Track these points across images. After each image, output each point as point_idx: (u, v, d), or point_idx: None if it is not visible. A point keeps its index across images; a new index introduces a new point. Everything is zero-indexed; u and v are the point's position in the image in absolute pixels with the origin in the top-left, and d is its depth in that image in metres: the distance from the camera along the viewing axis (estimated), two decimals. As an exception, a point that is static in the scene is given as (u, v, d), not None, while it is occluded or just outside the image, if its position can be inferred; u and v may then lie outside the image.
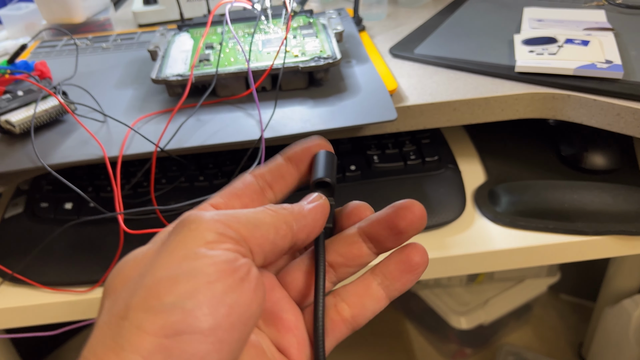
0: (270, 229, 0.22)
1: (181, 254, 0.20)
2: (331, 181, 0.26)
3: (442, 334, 1.03)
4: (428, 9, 0.73)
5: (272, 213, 0.23)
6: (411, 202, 0.26)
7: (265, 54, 0.51)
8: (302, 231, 0.24)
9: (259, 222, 0.22)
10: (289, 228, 0.23)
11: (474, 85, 0.52)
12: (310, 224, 0.24)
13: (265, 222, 0.22)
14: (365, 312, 0.26)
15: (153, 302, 0.18)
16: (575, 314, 1.10)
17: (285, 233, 0.23)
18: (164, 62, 0.51)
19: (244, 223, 0.22)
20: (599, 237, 0.49)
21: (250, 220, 0.22)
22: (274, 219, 0.23)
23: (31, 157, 0.45)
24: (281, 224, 0.23)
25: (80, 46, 0.65)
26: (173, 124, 0.46)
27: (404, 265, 0.26)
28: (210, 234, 0.20)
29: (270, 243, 0.22)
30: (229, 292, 0.19)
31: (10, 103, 0.46)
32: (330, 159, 0.27)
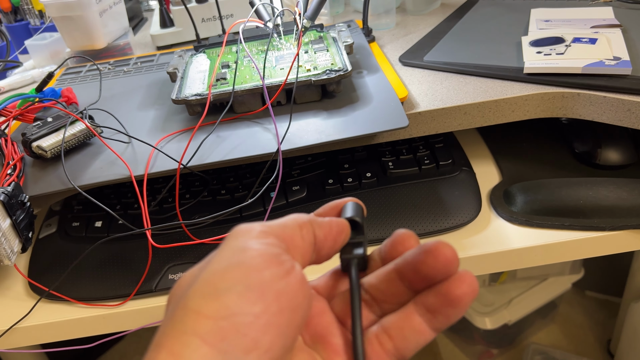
0: (296, 227, 0.25)
1: (231, 250, 0.22)
2: (359, 219, 0.28)
3: (467, 335, 1.03)
4: (436, 15, 0.75)
5: (293, 216, 0.25)
6: (437, 246, 0.24)
7: (278, 70, 0.53)
8: (319, 229, 0.26)
9: (285, 224, 0.25)
10: (310, 226, 0.25)
11: (484, 89, 0.53)
12: (331, 231, 0.26)
13: (290, 223, 0.25)
14: (408, 345, 0.25)
15: (209, 289, 0.20)
16: (602, 310, 1.09)
17: (308, 229, 0.25)
18: (183, 82, 0.53)
19: (275, 226, 0.24)
20: (616, 232, 0.49)
21: (279, 224, 0.24)
22: (296, 221, 0.25)
23: (62, 179, 0.47)
24: (303, 222, 0.25)
25: (102, 71, 0.68)
26: (194, 141, 0.48)
27: (445, 299, 0.24)
28: (253, 232, 0.23)
29: (300, 238, 0.24)
30: (276, 279, 0.21)
31: (40, 129, 0.49)
32: (358, 207, 0.29)
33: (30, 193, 0.47)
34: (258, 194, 0.47)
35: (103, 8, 0.70)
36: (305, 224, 0.25)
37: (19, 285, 0.51)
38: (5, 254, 0.44)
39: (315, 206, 0.53)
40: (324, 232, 0.26)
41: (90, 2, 0.67)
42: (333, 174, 0.56)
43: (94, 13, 0.68)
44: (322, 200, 0.53)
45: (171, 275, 0.49)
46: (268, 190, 0.54)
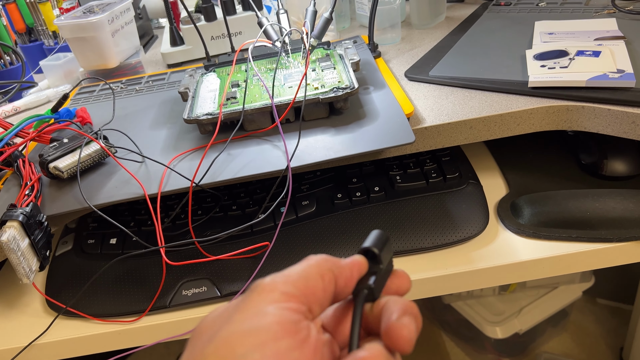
0: (318, 278, 0.25)
1: (252, 312, 0.23)
2: (376, 251, 0.29)
3: (478, 344, 1.03)
4: (441, 29, 0.76)
5: (315, 264, 0.26)
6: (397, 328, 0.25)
7: (287, 89, 0.54)
8: (340, 278, 0.26)
9: (308, 275, 0.25)
10: (332, 274, 0.26)
11: (489, 103, 0.54)
12: (346, 273, 0.27)
13: (312, 274, 0.25)
14: None
15: (226, 352, 0.21)
16: (614, 318, 1.09)
17: (330, 279, 0.26)
18: (194, 102, 0.54)
19: (297, 279, 0.25)
20: (623, 243, 0.49)
21: (301, 275, 0.25)
22: (319, 269, 0.26)
23: (79, 199, 0.48)
24: (325, 271, 0.26)
25: (115, 90, 0.69)
26: (206, 159, 0.50)
27: None
28: (275, 293, 0.24)
29: (321, 290, 0.25)
30: (292, 349, 0.22)
31: (57, 151, 0.50)
32: (382, 236, 0.30)
33: (47, 213, 0.48)
34: (269, 210, 0.48)
35: (115, 28, 0.72)
36: (327, 274, 0.26)
37: (36, 303, 0.53)
38: (24, 273, 0.45)
39: (325, 221, 0.54)
40: (345, 279, 0.27)
41: (102, 23, 0.69)
42: (342, 188, 0.57)
43: (107, 34, 0.70)
44: (331, 214, 0.54)
45: (185, 291, 0.50)
46: (278, 206, 0.55)
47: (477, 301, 1.01)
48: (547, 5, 0.75)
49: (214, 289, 0.50)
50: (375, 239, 0.30)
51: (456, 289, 0.52)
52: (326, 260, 0.27)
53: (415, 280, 0.50)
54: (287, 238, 0.53)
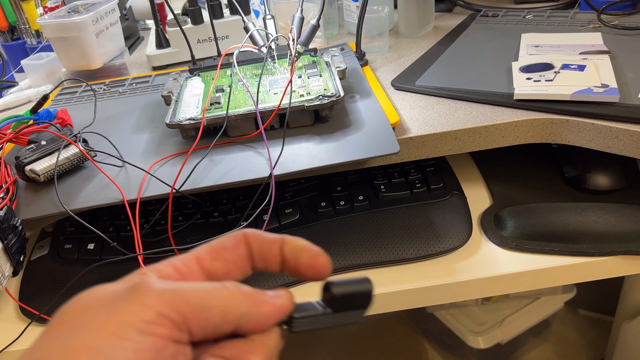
0: (218, 313, 0.22)
1: (113, 326, 0.20)
2: (336, 291, 0.24)
3: (460, 354, 1.03)
4: (429, 38, 0.76)
5: (227, 295, 0.22)
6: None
7: (272, 95, 0.53)
8: (249, 323, 0.23)
9: (209, 304, 0.22)
10: (238, 316, 0.22)
11: (474, 114, 0.54)
12: (259, 320, 0.23)
13: (216, 306, 0.22)
14: None
15: None
16: (595, 329, 1.09)
17: (232, 320, 0.22)
18: (177, 106, 0.53)
19: (192, 304, 0.21)
20: (605, 257, 0.50)
21: (201, 300, 0.21)
22: (225, 304, 0.22)
23: (55, 203, 0.47)
24: (231, 309, 0.22)
25: (98, 92, 0.68)
26: (187, 165, 0.49)
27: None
28: (149, 312, 0.20)
29: (214, 327, 0.22)
30: None
31: (34, 153, 0.49)
32: (362, 282, 0.25)
33: (22, 217, 0.47)
34: (251, 217, 0.48)
35: (99, 29, 0.71)
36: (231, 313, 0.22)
37: (9, 308, 0.51)
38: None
39: (308, 229, 0.53)
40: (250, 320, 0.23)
41: (86, 24, 0.67)
42: (326, 197, 0.56)
43: (91, 34, 0.69)
44: (314, 223, 0.54)
45: (163, 299, 0.49)
46: (261, 213, 0.55)
47: (460, 311, 1.01)
48: (534, 18, 0.76)
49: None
50: (352, 281, 0.25)
51: (438, 300, 0.51)
52: (244, 298, 0.23)
53: (397, 291, 0.50)
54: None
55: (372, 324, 1.16)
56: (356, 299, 0.24)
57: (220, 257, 0.25)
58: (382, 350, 1.11)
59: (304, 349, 1.12)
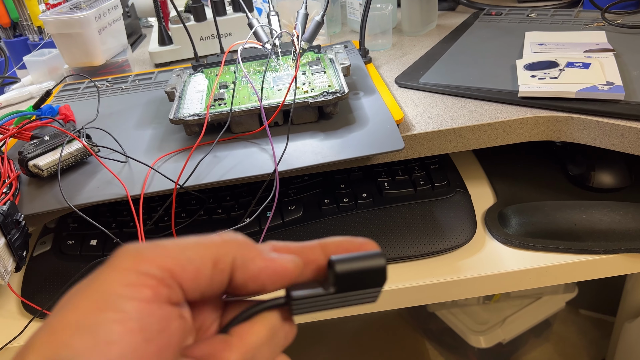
0: (208, 262, 0.20)
1: (94, 299, 0.19)
2: (339, 269, 0.21)
3: (461, 353, 1.03)
4: (432, 36, 0.76)
5: (217, 241, 0.21)
6: None
7: (276, 91, 0.53)
8: (243, 274, 0.21)
9: (195, 254, 0.20)
10: (230, 264, 0.21)
11: (479, 112, 0.54)
12: (253, 274, 0.21)
13: (203, 255, 0.20)
14: None
15: (49, 351, 0.18)
16: (596, 329, 1.09)
17: (224, 268, 0.20)
18: (180, 102, 0.53)
19: (176, 257, 0.20)
20: (610, 255, 0.49)
21: (185, 252, 0.20)
22: (215, 251, 0.20)
23: (58, 198, 0.47)
24: (222, 256, 0.20)
25: (100, 88, 0.68)
26: (191, 161, 0.48)
27: None
28: (129, 274, 0.19)
29: (208, 280, 0.20)
30: (130, 354, 0.18)
31: (37, 148, 0.49)
32: (370, 257, 0.22)
33: (25, 212, 0.47)
34: (255, 214, 0.47)
35: (102, 25, 0.70)
36: (223, 260, 0.20)
37: (12, 304, 0.51)
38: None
39: (312, 226, 0.53)
40: (249, 276, 0.21)
41: (89, 20, 0.67)
42: (329, 194, 0.56)
43: (93, 31, 0.68)
44: (318, 220, 0.54)
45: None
46: (264, 210, 0.54)
47: (462, 310, 1.01)
48: (538, 16, 0.76)
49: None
50: (356, 259, 0.22)
51: (442, 298, 0.51)
52: (236, 246, 0.21)
53: (401, 288, 0.49)
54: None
55: (372, 323, 1.15)
56: (365, 276, 0.22)
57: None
58: (383, 349, 1.11)
59: (304, 348, 1.11)
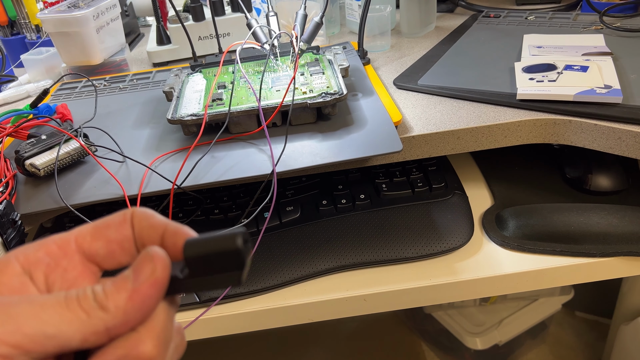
0: (75, 338, 0.18)
1: None
2: (187, 253, 0.21)
3: (458, 354, 1.03)
4: (430, 38, 0.76)
5: (83, 317, 0.19)
6: None
7: (274, 92, 0.53)
8: (124, 326, 0.19)
9: (59, 332, 0.18)
10: (102, 334, 0.19)
11: (477, 114, 0.54)
12: (134, 321, 0.20)
13: (66, 333, 0.18)
14: None
15: None
16: (592, 332, 1.09)
17: (97, 339, 0.19)
18: (178, 102, 0.53)
19: (30, 333, 0.18)
20: (607, 258, 0.49)
21: (45, 329, 0.18)
22: (82, 328, 0.19)
23: (55, 198, 0.47)
24: (90, 334, 0.19)
25: (98, 87, 0.68)
26: (189, 161, 0.48)
27: None
28: None
29: (75, 349, 0.19)
30: None
31: (34, 147, 0.48)
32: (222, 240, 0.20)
33: (22, 211, 0.46)
34: (253, 215, 0.47)
35: (100, 24, 0.70)
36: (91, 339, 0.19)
37: (7, 304, 0.51)
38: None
39: (309, 227, 0.53)
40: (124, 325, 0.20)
41: (87, 19, 0.67)
42: (327, 195, 0.56)
43: (91, 29, 0.68)
44: (315, 221, 0.53)
45: (163, 296, 0.48)
46: (262, 211, 0.54)
47: (458, 311, 1.01)
48: (536, 19, 0.76)
49: (193, 295, 0.48)
50: (206, 242, 0.20)
51: (439, 300, 0.51)
52: (107, 317, 0.19)
53: (398, 290, 0.49)
54: (270, 244, 0.52)
55: (369, 324, 1.15)
56: (217, 260, 0.20)
57: (103, 237, 0.22)
58: (379, 351, 1.11)
59: (300, 349, 1.11)
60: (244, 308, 0.49)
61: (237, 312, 0.49)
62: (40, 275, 0.21)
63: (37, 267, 0.21)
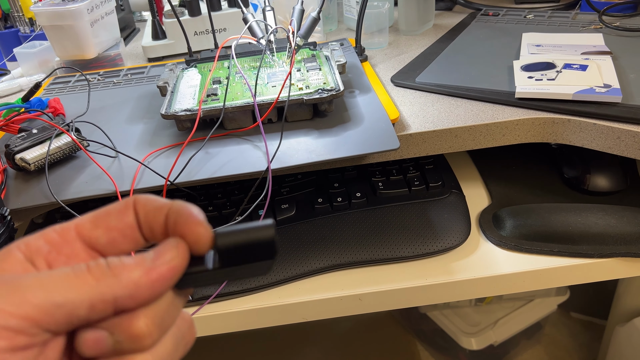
0: (83, 306, 0.18)
1: None
2: (220, 243, 0.21)
3: (453, 355, 1.02)
4: (429, 36, 0.75)
5: (92, 284, 0.19)
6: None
7: (270, 88, 0.52)
8: (131, 303, 0.19)
9: (64, 299, 0.18)
10: (110, 304, 0.19)
11: (475, 112, 0.53)
12: (142, 297, 0.20)
13: (76, 299, 0.18)
14: None
15: None
16: (587, 332, 1.09)
17: (104, 308, 0.19)
18: (173, 97, 0.52)
19: (39, 304, 0.18)
20: (604, 259, 0.49)
21: (51, 296, 0.18)
22: (90, 294, 0.19)
23: (45, 193, 0.46)
24: (98, 301, 0.19)
25: (92, 82, 0.67)
26: (183, 157, 0.48)
27: None
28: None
29: (82, 320, 0.19)
30: None
31: (24, 141, 0.48)
32: (255, 230, 0.21)
33: (11, 206, 0.45)
34: (247, 212, 0.47)
35: (94, 18, 0.69)
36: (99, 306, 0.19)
37: (-4, 301, 0.50)
38: (-17, 269, 0.42)
39: (304, 225, 0.52)
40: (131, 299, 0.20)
41: (81, 12, 0.66)
42: (323, 193, 0.55)
43: (85, 23, 0.67)
44: (311, 219, 0.53)
45: (155, 294, 0.48)
46: (256, 208, 0.53)
47: (454, 311, 1.00)
48: (535, 17, 0.75)
49: (186, 293, 0.48)
50: (239, 232, 0.21)
51: (435, 300, 0.50)
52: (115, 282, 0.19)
53: (393, 290, 0.49)
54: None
55: (364, 323, 1.15)
56: (251, 250, 0.21)
57: (103, 224, 0.22)
58: (374, 350, 1.10)
59: (295, 348, 1.11)
60: (237, 306, 0.49)
61: (230, 310, 0.48)
62: (43, 262, 0.21)
63: (39, 255, 0.21)
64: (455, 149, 0.53)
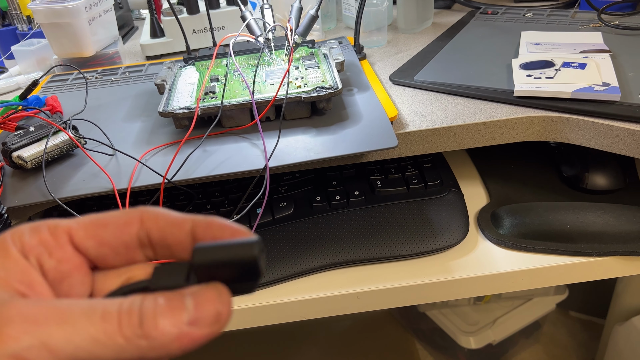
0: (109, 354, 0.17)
1: None
2: (196, 260, 0.18)
3: (451, 353, 1.02)
4: (427, 34, 0.75)
5: (121, 343, 0.17)
6: None
7: (268, 86, 0.52)
8: (156, 356, 0.17)
9: (90, 356, 0.16)
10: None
11: (474, 110, 0.53)
12: (170, 356, 0.18)
13: (99, 356, 0.17)
14: None
15: None
16: (585, 331, 1.09)
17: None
18: (170, 95, 0.52)
19: (60, 352, 0.16)
20: (603, 258, 0.49)
21: (76, 354, 0.16)
22: (116, 354, 0.17)
23: (43, 191, 0.46)
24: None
25: (90, 80, 0.66)
26: (180, 155, 0.47)
27: None
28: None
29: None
30: None
31: (22, 139, 0.47)
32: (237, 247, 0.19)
33: (8, 204, 0.45)
34: (245, 210, 0.46)
35: (92, 16, 0.69)
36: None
37: (-7, 299, 0.50)
38: (-20, 267, 0.42)
39: (302, 224, 0.52)
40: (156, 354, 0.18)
41: (79, 10, 0.66)
42: (321, 191, 0.55)
43: (83, 21, 0.67)
44: (309, 217, 0.53)
45: (152, 292, 0.47)
46: (254, 207, 0.53)
47: (452, 310, 1.00)
48: (534, 16, 0.75)
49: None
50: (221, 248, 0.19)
51: (433, 298, 0.50)
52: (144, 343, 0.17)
53: (392, 288, 0.49)
54: (262, 240, 0.51)
55: (362, 322, 1.15)
56: (233, 269, 0.18)
57: (96, 237, 0.20)
58: (373, 349, 1.10)
59: (293, 347, 1.11)
60: (234, 305, 0.48)
61: (228, 309, 0.48)
62: (34, 261, 0.20)
63: (31, 254, 0.20)
64: (454, 148, 0.53)
